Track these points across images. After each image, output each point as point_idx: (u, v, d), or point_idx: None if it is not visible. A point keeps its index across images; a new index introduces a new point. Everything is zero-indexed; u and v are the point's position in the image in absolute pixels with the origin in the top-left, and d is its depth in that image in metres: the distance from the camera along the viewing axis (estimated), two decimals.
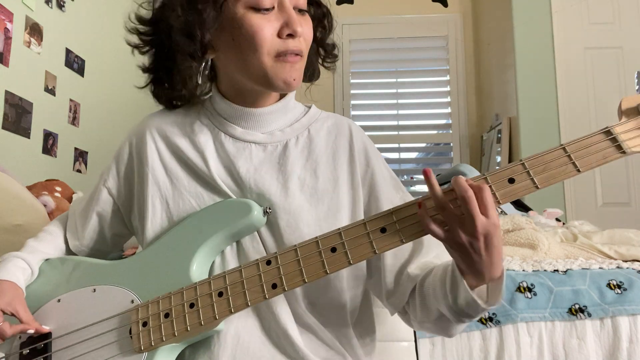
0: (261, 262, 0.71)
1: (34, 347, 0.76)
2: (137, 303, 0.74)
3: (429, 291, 0.73)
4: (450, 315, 0.70)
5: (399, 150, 3.78)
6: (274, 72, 0.75)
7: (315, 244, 0.70)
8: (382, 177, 0.83)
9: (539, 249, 1.55)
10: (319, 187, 0.80)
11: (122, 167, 0.87)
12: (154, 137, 0.84)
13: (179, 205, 0.80)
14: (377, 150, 0.87)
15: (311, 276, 0.69)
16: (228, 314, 0.70)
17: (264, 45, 0.73)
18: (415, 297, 0.77)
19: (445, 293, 0.69)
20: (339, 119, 0.88)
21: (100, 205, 0.87)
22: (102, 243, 0.91)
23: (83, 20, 2.51)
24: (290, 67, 0.75)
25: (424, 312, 0.75)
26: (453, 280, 0.68)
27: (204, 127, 0.84)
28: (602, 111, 2.99)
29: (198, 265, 0.75)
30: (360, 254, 0.68)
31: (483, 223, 0.62)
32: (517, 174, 0.66)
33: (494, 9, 3.44)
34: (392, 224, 0.68)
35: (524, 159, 0.67)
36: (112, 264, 0.81)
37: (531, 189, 0.66)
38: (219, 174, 0.80)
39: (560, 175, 0.66)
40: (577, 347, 1.25)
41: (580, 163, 0.66)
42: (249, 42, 0.74)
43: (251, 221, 0.75)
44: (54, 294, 0.80)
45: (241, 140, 0.82)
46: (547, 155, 0.67)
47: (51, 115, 2.23)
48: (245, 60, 0.75)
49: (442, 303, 0.70)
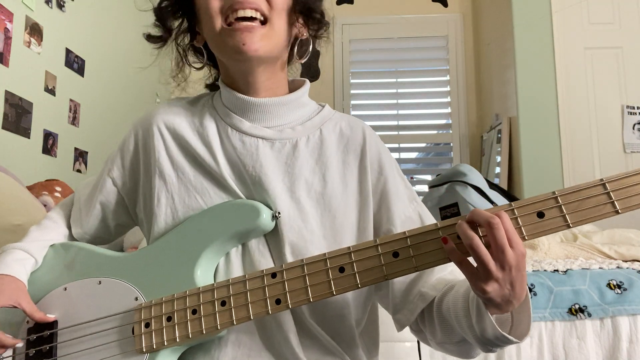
0: (266, 274, 0.69)
1: (40, 335, 0.76)
2: (141, 301, 0.74)
3: (451, 316, 0.69)
4: (478, 345, 0.67)
5: (399, 150, 3.78)
6: (223, 40, 0.75)
7: (324, 261, 0.67)
8: (395, 187, 0.80)
9: (539, 249, 1.55)
10: (326, 193, 0.77)
11: (128, 158, 0.85)
12: (161, 129, 0.83)
13: (184, 200, 0.78)
14: (392, 158, 0.84)
15: (317, 296, 0.66)
16: (230, 325, 0.69)
17: (213, 15, 0.75)
18: (434, 319, 0.73)
19: (470, 324, 0.65)
20: (353, 121, 0.85)
21: (104, 195, 0.86)
22: (105, 232, 0.90)
23: (83, 20, 2.51)
24: (241, 34, 0.72)
25: (446, 334, 0.72)
26: (479, 314, 0.63)
27: (211, 120, 0.82)
28: (602, 111, 2.99)
29: (203, 266, 0.74)
30: (369, 277, 0.65)
31: (511, 255, 0.57)
32: (547, 208, 0.60)
33: (494, 9, 3.43)
34: (406, 248, 0.64)
35: (557, 191, 0.60)
36: (119, 257, 0.80)
37: (561, 227, 0.60)
38: (226, 170, 0.78)
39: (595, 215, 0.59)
40: (577, 347, 1.25)
41: (621, 204, 0.59)
42: (205, 19, 0.76)
43: (259, 225, 0.73)
44: (60, 281, 0.80)
45: (248, 134, 0.79)
46: (584, 191, 0.60)
47: (51, 115, 2.23)
48: (209, 38, 0.78)
49: (469, 334, 0.66)
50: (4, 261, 0.79)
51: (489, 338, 0.63)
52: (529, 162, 2.92)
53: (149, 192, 0.82)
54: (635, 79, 3.00)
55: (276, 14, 0.75)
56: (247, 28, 0.73)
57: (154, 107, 0.87)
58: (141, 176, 0.84)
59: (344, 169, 0.80)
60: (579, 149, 2.95)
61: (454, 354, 0.76)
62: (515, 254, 0.57)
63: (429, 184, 2.43)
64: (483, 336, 0.64)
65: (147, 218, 0.82)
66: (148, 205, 0.82)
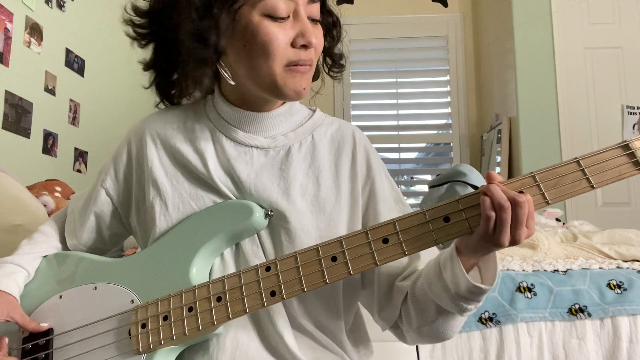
0: (260, 267, 0.70)
1: (36, 343, 0.76)
2: (137, 303, 0.74)
3: (425, 292, 0.72)
4: (454, 307, 0.69)
5: (399, 150, 3.78)
6: (284, 82, 0.74)
7: (316, 251, 0.69)
8: (382, 189, 0.82)
9: (539, 249, 1.55)
10: (320, 195, 0.79)
11: (121, 169, 0.86)
12: (154, 139, 0.84)
13: (178, 208, 0.79)
14: (379, 160, 0.86)
15: (310, 285, 0.68)
16: (226, 320, 0.70)
17: (277, 54, 0.72)
18: (409, 305, 0.76)
19: (445, 285, 0.68)
20: (343, 124, 0.87)
21: (98, 206, 0.87)
22: (101, 242, 0.90)
23: (83, 20, 2.51)
24: (301, 77, 0.74)
25: (421, 316, 0.74)
26: (452, 271, 0.67)
27: (205, 129, 0.83)
28: (602, 111, 3.00)
29: (198, 267, 0.74)
30: (361, 264, 0.67)
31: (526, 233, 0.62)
32: (527, 187, 0.63)
33: (494, 9, 3.44)
34: (394, 234, 0.67)
35: (535, 171, 0.64)
36: (114, 262, 0.81)
37: (541, 204, 0.63)
38: (219, 177, 0.79)
39: (572, 191, 0.63)
40: (577, 347, 1.25)
41: (595, 179, 0.62)
42: (262, 50, 0.72)
43: (252, 223, 0.75)
44: (55, 290, 0.80)
45: (243, 144, 0.81)
46: (560, 169, 0.63)
47: (51, 115, 2.24)
48: (255, 67, 0.74)
49: (444, 297, 0.69)
50: None
51: (463, 294, 0.67)
52: (529, 162, 2.92)
53: (142, 201, 0.82)
54: (635, 79, 3.00)
55: (317, 58, 0.78)
56: (305, 71, 0.75)
57: (147, 116, 0.88)
58: (134, 186, 0.85)
59: (336, 172, 0.81)
60: (579, 149, 2.95)
61: (431, 338, 0.77)
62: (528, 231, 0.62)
63: (429, 184, 2.43)
64: (457, 293, 0.67)
65: (141, 227, 0.82)
66: (142, 214, 0.82)
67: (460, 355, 1.26)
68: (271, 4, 0.71)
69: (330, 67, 0.86)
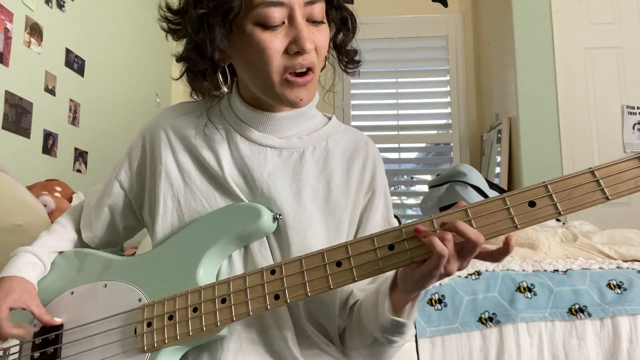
0: (266, 270, 0.70)
1: (45, 337, 0.78)
2: (144, 302, 0.75)
3: (366, 315, 0.74)
4: (382, 337, 0.72)
5: (399, 150, 3.78)
6: (281, 91, 0.74)
7: (321, 256, 0.68)
8: (376, 207, 0.83)
9: (539, 249, 1.55)
10: (331, 200, 0.80)
11: (135, 162, 0.87)
12: (168, 133, 0.84)
13: (190, 204, 0.80)
14: (384, 177, 0.87)
15: (314, 290, 0.68)
16: (230, 322, 0.70)
17: (272, 62, 0.72)
18: (352, 322, 0.77)
19: (376, 314, 0.70)
20: (357, 134, 0.88)
21: (112, 199, 0.88)
22: (114, 235, 0.92)
23: (83, 20, 2.51)
24: (299, 89, 0.74)
25: (360, 337, 0.76)
26: (382, 302, 0.70)
27: (220, 127, 0.83)
28: (602, 111, 3.00)
29: (205, 268, 0.75)
30: (366, 270, 0.67)
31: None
32: (538, 197, 0.61)
33: (494, 9, 3.44)
34: (402, 242, 0.66)
35: (547, 181, 0.62)
36: (124, 260, 0.82)
37: (553, 214, 0.61)
38: (232, 176, 0.80)
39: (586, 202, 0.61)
40: (577, 347, 1.25)
41: (610, 190, 0.60)
42: (257, 59, 0.72)
43: (261, 226, 0.75)
44: (68, 286, 0.82)
45: (257, 143, 0.81)
46: (574, 179, 0.61)
47: (51, 115, 2.23)
48: (255, 75, 0.75)
49: (375, 326, 0.71)
50: (15, 263, 0.81)
51: (386, 325, 0.69)
52: (529, 162, 2.92)
53: (155, 195, 0.83)
54: (635, 79, 3.00)
55: (319, 61, 0.77)
56: (305, 83, 0.74)
57: (162, 111, 0.88)
58: (147, 180, 0.85)
59: (347, 178, 0.82)
60: (579, 148, 2.95)
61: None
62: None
63: (429, 184, 2.44)
64: (382, 325, 0.70)
65: (153, 221, 0.83)
66: (154, 208, 0.83)
67: (460, 355, 1.26)
68: (263, 13, 0.70)
69: (347, 65, 0.85)
